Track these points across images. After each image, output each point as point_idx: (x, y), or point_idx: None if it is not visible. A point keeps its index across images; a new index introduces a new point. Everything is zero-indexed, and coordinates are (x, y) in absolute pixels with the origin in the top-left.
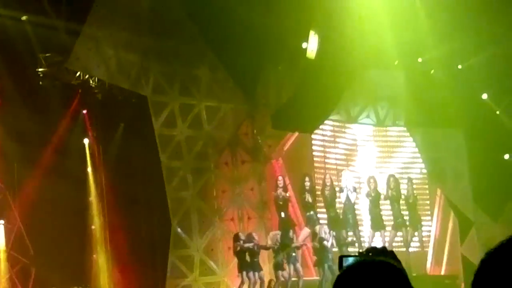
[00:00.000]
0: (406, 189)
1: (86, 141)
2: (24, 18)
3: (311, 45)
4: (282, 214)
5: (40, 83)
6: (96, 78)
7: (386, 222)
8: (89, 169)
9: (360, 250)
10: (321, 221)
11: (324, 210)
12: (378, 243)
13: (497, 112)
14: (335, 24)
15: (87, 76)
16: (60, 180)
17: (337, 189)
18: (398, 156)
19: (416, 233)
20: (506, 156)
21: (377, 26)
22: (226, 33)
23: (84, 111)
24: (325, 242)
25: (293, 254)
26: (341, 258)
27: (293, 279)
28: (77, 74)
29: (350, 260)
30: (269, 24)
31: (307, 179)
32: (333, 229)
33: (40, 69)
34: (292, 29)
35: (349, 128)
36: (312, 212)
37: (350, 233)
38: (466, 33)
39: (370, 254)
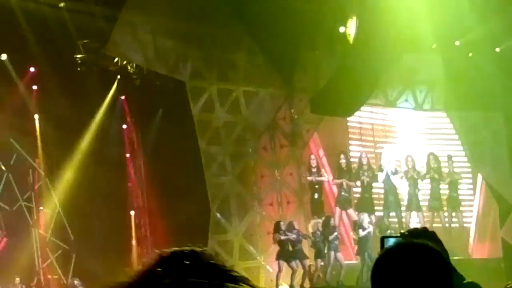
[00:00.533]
0: (447, 168)
1: (124, 126)
2: (62, 4)
3: (351, 30)
4: (316, 196)
5: (78, 69)
6: (134, 64)
7: (424, 202)
8: (128, 155)
9: (402, 231)
10: (355, 202)
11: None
12: (417, 225)
13: None
14: (372, 8)
15: (125, 62)
16: (99, 166)
17: (374, 167)
18: (437, 138)
19: (455, 214)
20: None
21: (414, 10)
22: (264, 18)
23: (122, 97)
24: (365, 231)
25: (335, 242)
26: (382, 239)
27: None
28: (115, 60)
29: (392, 240)
30: (307, 9)
31: (342, 156)
32: (363, 211)
33: (78, 56)
34: (329, 14)
35: (388, 112)
36: (345, 193)
37: (392, 214)
38: (504, 15)
39: (411, 235)
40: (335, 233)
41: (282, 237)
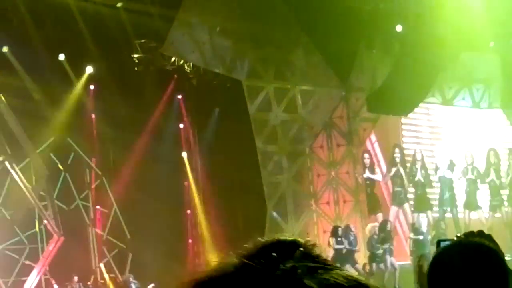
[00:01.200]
0: (508, 164)
1: (181, 126)
2: (119, 5)
3: None
4: (369, 193)
5: (136, 69)
6: (191, 64)
7: (484, 200)
8: (184, 154)
9: (458, 234)
10: (410, 200)
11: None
12: (474, 224)
13: None
14: (429, 7)
15: (181, 62)
16: (155, 165)
17: (430, 164)
18: (495, 136)
19: None
20: None
21: (471, 9)
22: (321, 17)
23: (179, 96)
24: (423, 236)
25: (390, 247)
26: (439, 242)
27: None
28: (172, 59)
29: (447, 243)
30: (363, 8)
31: (397, 150)
32: (419, 209)
33: (135, 55)
34: (386, 13)
35: (445, 110)
36: (400, 188)
37: (448, 215)
38: None
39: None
40: (391, 238)
41: (336, 246)
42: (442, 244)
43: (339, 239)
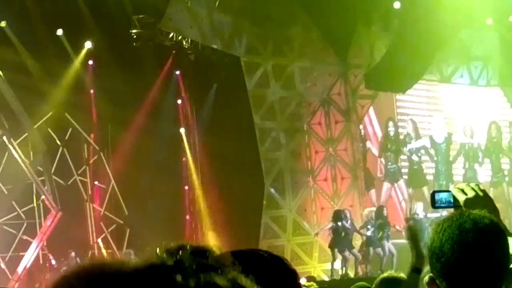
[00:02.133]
0: (509, 137)
1: (179, 101)
2: None
3: None
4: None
5: (134, 44)
6: (189, 39)
7: (484, 176)
8: (182, 130)
9: (452, 185)
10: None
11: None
12: None
13: None
14: None
15: (180, 37)
16: (153, 141)
17: (424, 137)
18: (493, 113)
19: None
20: None
21: None
22: None
23: (177, 72)
24: (420, 222)
25: (387, 232)
26: (433, 193)
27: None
28: (170, 35)
29: (442, 195)
30: None
31: (390, 124)
32: (414, 185)
33: (133, 31)
34: None
35: (442, 87)
36: (394, 165)
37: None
38: None
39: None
40: (388, 223)
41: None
42: (437, 195)
43: (339, 223)
